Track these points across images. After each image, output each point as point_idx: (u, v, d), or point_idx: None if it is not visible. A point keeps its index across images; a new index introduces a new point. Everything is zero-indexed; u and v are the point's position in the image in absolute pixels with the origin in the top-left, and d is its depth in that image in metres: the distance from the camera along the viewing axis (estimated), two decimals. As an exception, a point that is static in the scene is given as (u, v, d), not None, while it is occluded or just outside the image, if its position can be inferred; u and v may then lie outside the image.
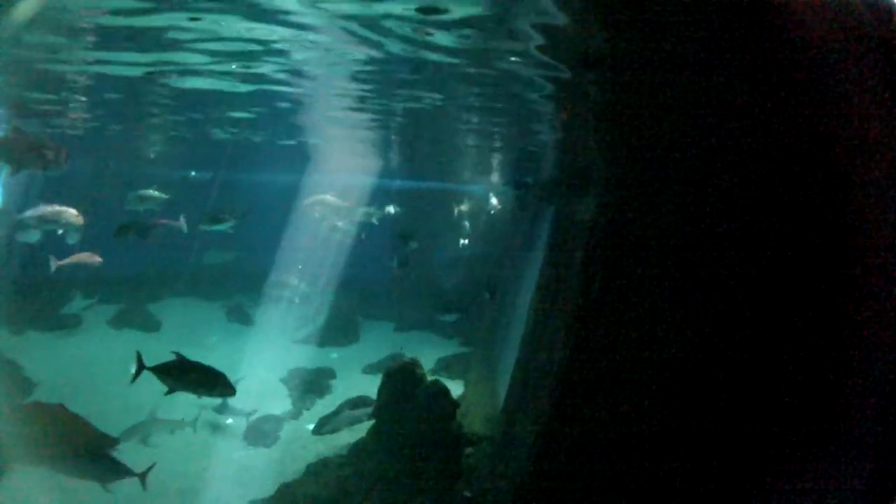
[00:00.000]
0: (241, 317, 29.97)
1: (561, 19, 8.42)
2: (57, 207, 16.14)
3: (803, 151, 6.52)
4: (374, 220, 23.03)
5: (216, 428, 17.73)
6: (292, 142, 23.34)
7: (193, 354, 11.37)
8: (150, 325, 27.56)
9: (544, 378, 11.01)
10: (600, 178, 9.98)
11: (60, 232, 16.65)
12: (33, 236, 17.33)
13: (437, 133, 20.13)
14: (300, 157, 29.10)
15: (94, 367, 20.83)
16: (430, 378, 14.49)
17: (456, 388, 15.57)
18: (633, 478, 8.04)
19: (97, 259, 18.29)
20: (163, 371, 11.10)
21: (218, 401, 17.34)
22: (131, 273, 29.37)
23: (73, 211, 16.21)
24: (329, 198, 19.64)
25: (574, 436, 9.02)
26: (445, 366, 23.22)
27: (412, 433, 13.29)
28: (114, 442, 12.36)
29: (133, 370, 11.87)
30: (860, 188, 6.15)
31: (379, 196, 28.99)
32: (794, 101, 6.49)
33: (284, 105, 16.70)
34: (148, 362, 11.19)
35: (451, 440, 13.33)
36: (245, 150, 29.26)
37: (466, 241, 26.37)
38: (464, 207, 30.16)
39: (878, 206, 6.07)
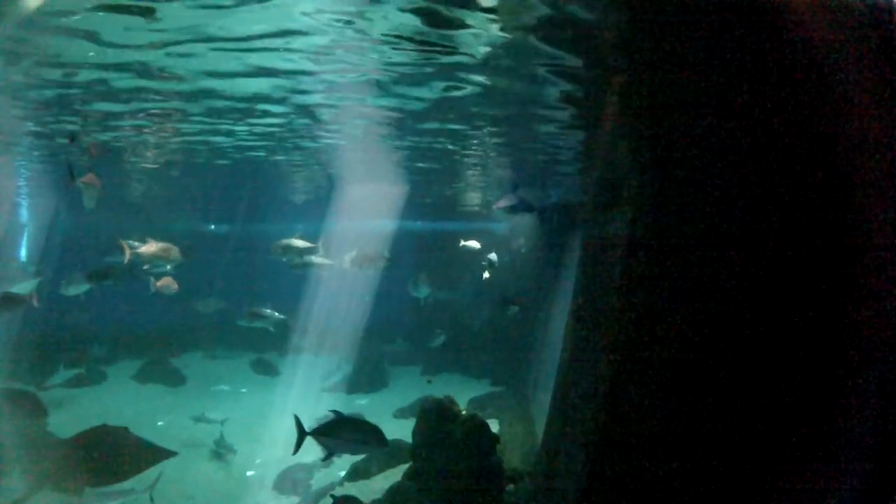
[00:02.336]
0: (267, 368, 29.67)
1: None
2: (163, 244, 16.55)
3: (811, 152, 6.51)
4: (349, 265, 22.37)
5: (242, 478, 17.29)
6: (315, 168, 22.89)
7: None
8: (175, 380, 27.38)
9: (587, 406, 10.59)
10: (633, 188, 9.62)
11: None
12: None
13: (451, 165, 19.90)
14: (318, 207, 28.98)
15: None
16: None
17: (491, 428, 15.10)
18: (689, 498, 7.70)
19: (175, 285, 18.47)
20: (322, 433, 10.30)
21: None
22: (150, 327, 29.33)
23: (176, 248, 16.72)
24: (296, 241, 19.41)
25: (624, 461, 8.64)
26: (478, 406, 22.59)
27: (451, 472, 12.77)
28: (172, 454, 14.37)
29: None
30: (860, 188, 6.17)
31: (398, 240, 28.81)
32: (795, 100, 6.49)
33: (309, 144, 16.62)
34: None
35: (492, 477, 12.81)
36: (264, 201, 29.32)
37: (488, 277, 25.92)
38: (485, 246, 29.78)
39: (878, 206, 6.11)
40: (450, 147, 17.05)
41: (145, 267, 17.04)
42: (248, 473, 17.70)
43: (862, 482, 6.03)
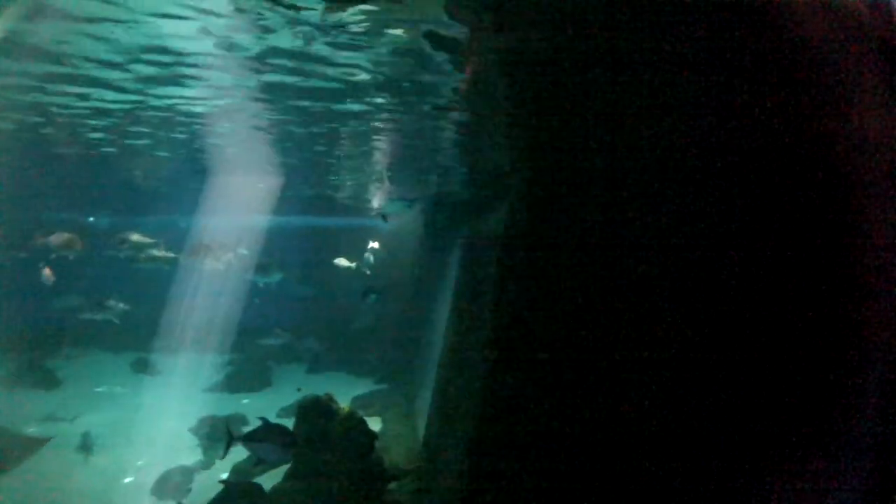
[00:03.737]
0: (147, 368, 28.78)
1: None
2: (67, 235, 18.38)
3: (803, 152, 6.41)
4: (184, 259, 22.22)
5: (121, 483, 16.76)
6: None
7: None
8: (49, 382, 26.09)
9: (465, 403, 10.64)
10: (511, 185, 9.68)
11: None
12: None
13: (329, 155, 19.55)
14: (190, 200, 28.19)
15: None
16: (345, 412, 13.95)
17: (374, 426, 15.04)
18: (579, 491, 7.77)
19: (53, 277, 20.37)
20: (252, 439, 10.39)
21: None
22: (22, 326, 28.09)
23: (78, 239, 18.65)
24: (134, 236, 19.61)
25: (502, 456, 8.65)
26: (362, 404, 22.56)
27: (330, 470, 12.67)
28: (46, 441, 14.79)
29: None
30: (860, 188, 6.18)
31: (276, 236, 28.45)
32: (793, 100, 6.38)
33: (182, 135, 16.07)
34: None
35: (372, 475, 12.76)
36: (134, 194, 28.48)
37: (369, 274, 26.02)
38: (370, 244, 29.66)
39: (878, 206, 6.13)
40: (324, 140, 16.68)
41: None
42: (126, 480, 17.16)
43: (862, 482, 6.08)
